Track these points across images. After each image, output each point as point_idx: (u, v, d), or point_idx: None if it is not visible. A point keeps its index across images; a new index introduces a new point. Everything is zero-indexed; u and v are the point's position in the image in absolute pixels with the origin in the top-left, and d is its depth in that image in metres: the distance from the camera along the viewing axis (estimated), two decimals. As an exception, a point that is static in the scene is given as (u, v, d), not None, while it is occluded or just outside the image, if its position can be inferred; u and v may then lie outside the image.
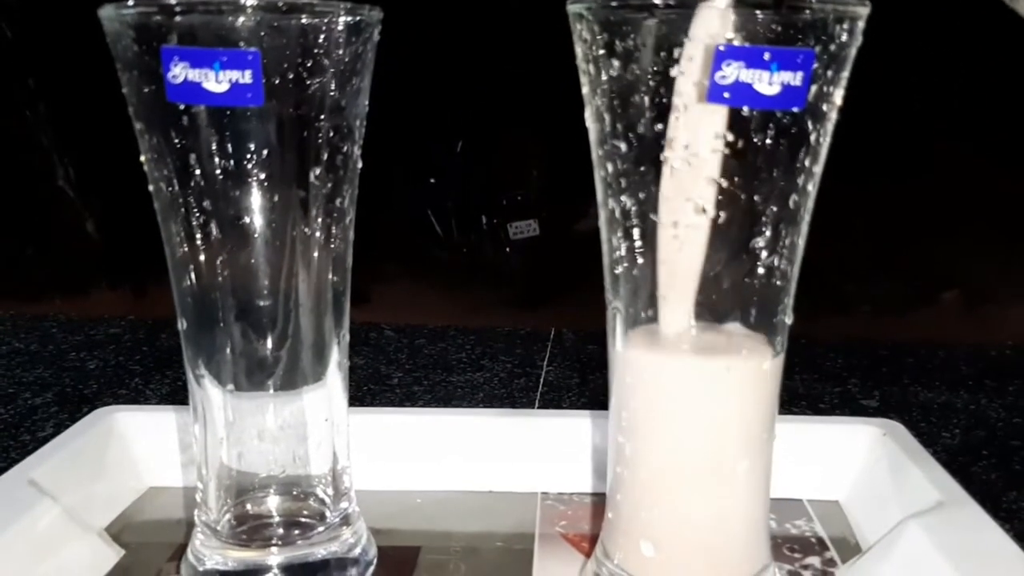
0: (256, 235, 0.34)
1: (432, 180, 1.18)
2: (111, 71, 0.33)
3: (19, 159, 1.14)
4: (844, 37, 0.30)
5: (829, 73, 0.30)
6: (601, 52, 0.31)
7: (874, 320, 1.01)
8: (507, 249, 1.16)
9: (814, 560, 0.41)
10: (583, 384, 0.73)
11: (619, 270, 0.33)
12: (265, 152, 0.33)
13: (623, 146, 0.31)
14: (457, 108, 1.12)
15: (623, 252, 0.33)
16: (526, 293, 1.10)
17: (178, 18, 0.31)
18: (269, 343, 0.36)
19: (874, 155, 1.01)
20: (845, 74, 0.31)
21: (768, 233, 0.31)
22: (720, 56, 0.28)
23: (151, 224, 0.36)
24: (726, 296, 0.32)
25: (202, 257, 0.35)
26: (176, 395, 0.70)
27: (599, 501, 0.45)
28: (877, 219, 1.07)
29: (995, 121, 1.04)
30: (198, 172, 0.33)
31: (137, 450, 0.47)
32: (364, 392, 0.72)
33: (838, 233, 0.99)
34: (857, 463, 0.46)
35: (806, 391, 0.71)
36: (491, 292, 1.11)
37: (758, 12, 0.29)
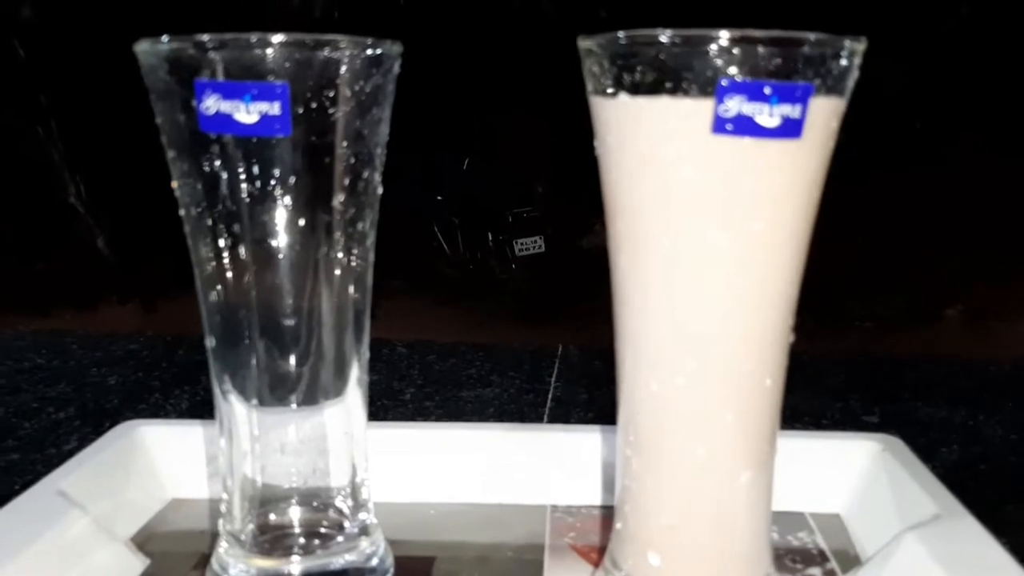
0: (281, 257, 0.36)
1: (439, 197, 1.19)
2: (121, 91, 0.35)
3: (30, 176, 1.16)
4: (842, 71, 0.32)
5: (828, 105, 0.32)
6: (609, 85, 0.32)
7: (878, 336, 1.02)
8: (513, 265, 1.17)
9: (815, 571, 0.43)
10: (590, 400, 0.74)
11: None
12: (291, 179, 0.34)
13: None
14: (463, 124, 1.14)
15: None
16: (532, 309, 1.11)
17: (211, 53, 0.32)
18: (292, 360, 0.37)
19: (878, 172, 1.03)
20: (843, 106, 0.33)
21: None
22: (722, 90, 0.30)
23: (161, 240, 0.37)
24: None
25: (229, 278, 0.36)
26: (195, 410, 0.72)
27: (607, 513, 0.46)
28: (880, 235, 1.08)
29: (1000, 138, 1.05)
30: (227, 197, 0.35)
31: (161, 462, 0.49)
32: (377, 407, 0.73)
33: (842, 249, 1.00)
34: (857, 477, 0.47)
35: (808, 408, 0.72)
36: (497, 308, 1.12)
37: (759, 47, 0.30)
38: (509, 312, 1.11)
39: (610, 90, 0.32)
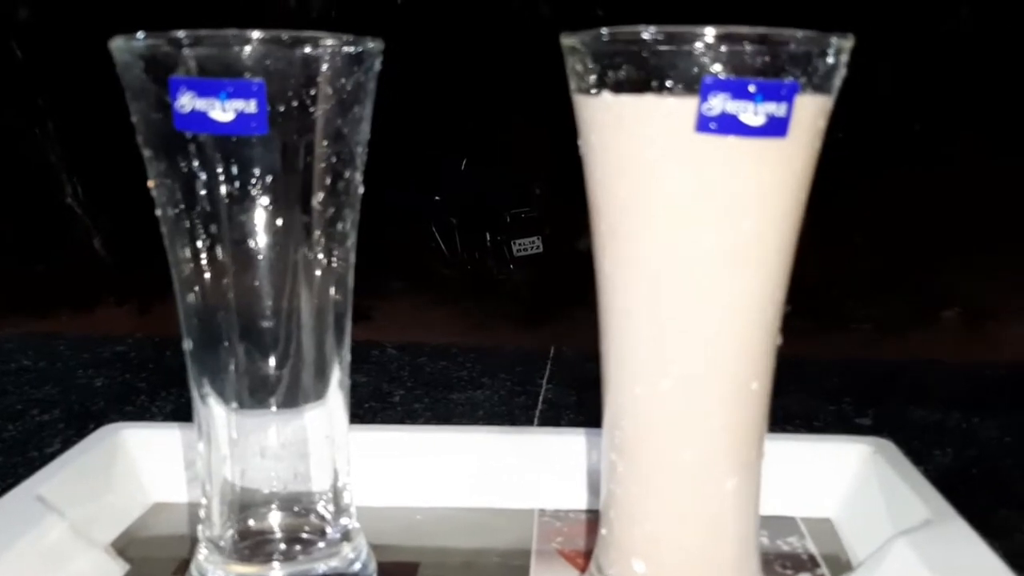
0: (260, 258, 0.35)
1: (436, 197, 1.18)
2: (118, 92, 0.34)
3: (28, 177, 1.15)
4: (828, 69, 0.31)
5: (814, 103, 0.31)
6: (593, 84, 0.32)
7: (874, 338, 1.02)
8: (511, 266, 1.16)
9: (805, 577, 0.42)
10: (581, 403, 0.74)
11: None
12: (269, 178, 0.34)
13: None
14: (462, 125, 1.13)
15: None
16: (530, 310, 1.11)
17: (186, 50, 0.32)
18: (272, 362, 0.37)
19: (874, 173, 1.02)
20: (830, 104, 0.32)
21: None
22: (706, 88, 0.29)
23: (158, 242, 0.37)
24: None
25: (207, 279, 0.36)
26: (180, 412, 0.70)
27: (595, 518, 0.46)
28: (877, 237, 1.08)
29: (1000, 138, 1.05)
30: (204, 197, 0.34)
31: (143, 466, 0.48)
32: (366, 409, 0.73)
33: (839, 251, 1.00)
34: (848, 481, 0.47)
35: (800, 410, 0.72)
36: (495, 308, 1.12)
37: (744, 45, 0.30)
38: (507, 312, 1.11)
39: (593, 89, 0.32)
